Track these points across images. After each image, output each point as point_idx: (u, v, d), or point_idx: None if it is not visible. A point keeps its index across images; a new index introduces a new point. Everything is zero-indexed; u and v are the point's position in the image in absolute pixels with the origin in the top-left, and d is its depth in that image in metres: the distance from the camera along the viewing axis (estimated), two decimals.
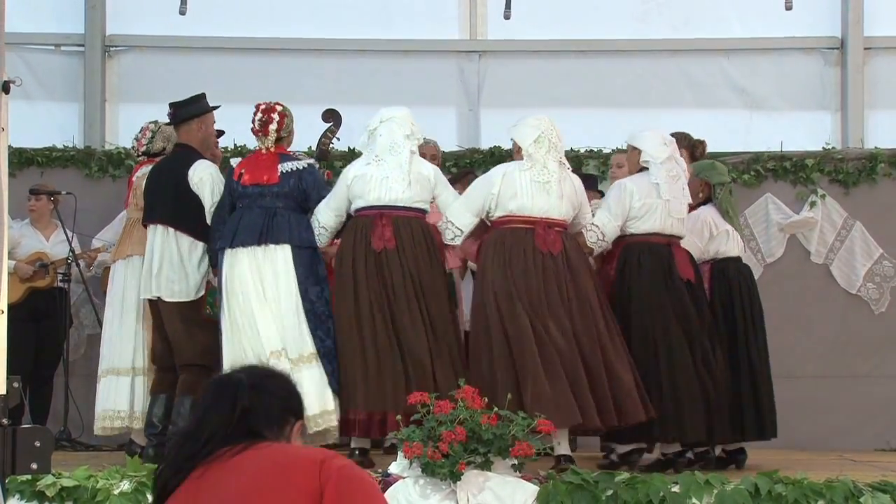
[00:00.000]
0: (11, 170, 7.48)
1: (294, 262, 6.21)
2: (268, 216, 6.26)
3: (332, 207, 6.28)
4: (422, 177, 6.22)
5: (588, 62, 9.23)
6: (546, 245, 6.04)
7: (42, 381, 8.03)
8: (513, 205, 6.10)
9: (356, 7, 9.21)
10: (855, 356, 8.73)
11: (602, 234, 6.31)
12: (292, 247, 6.23)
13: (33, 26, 9.04)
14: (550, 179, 6.12)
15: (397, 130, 6.25)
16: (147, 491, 5.16)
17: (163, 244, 6.59)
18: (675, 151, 6.46)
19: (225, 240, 6.29)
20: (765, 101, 9.19)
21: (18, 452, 3.33)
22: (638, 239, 6.34)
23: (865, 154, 8.87)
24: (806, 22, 9.08)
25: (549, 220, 6.10)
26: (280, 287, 6.18)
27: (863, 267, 8.81)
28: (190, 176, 6.53)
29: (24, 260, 7.98)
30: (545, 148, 6.18)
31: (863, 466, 6.68)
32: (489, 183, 6.18)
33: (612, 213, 6.32)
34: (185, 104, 6.76)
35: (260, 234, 6.22)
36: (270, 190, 6.30)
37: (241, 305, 6.17)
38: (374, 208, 6.14)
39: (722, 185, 6.84)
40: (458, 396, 5.30)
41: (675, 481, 5.30)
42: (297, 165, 6.38)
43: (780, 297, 8.74)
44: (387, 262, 6.04)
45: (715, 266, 6.74)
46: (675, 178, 6.40)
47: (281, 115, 6.42)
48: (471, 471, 5.17)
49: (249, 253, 6.21)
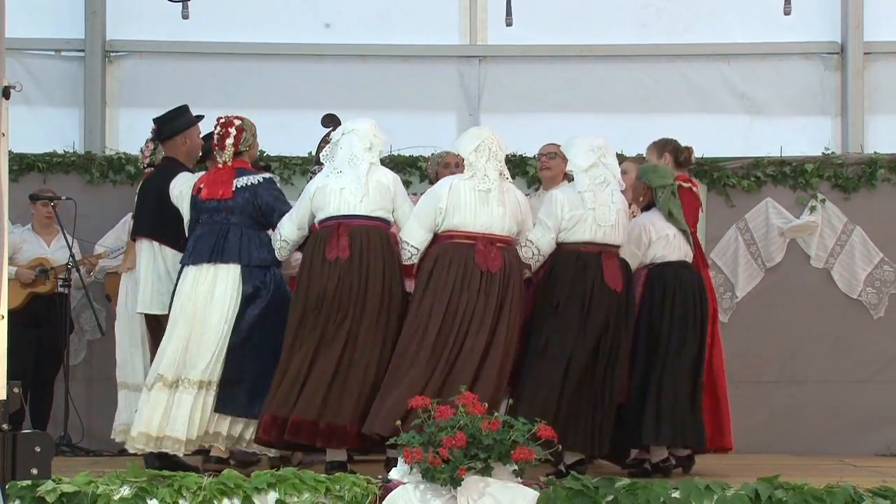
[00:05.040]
0: (12, 175, 7.54)
1: (242, 281, 6.19)
2: (220, 234, 6.24)
3: (295, 221, 6.25)
4: (381, 185, 6.16)
5: (588, 67, 9.24)
6: (486, 263, 6.03)
7: (42, 387, 8.04)
8: (456, 219, 6.08)
9: (357, 12, 9.22)
10: (855, 361, 8.73)
11: (538, 248, 6.30)
12: (241, 266, 6.21)
13: (34, 32, 9.05)
14: (491, 188, 6.11)
15: (357, 143, 6.21)
16: (147, 497, 5.16)
17: (148, 258, 6.64)
18: (603, 157, 6.39)
19: (185, 257, 6.33)
20: (765, 107, 9.19)
21: (19, 458, 3.34)
22: (568, 248, 6.30)
23: (865, 159, 8.87)
24: (806, 27, 9.09)
25: (490, 235, 6.09)
26: (213, 308, 6.15)
27: (863, 271, 8.81)
28: (171, 189, 6.54)
29: (24, 265, 7.99)
30: (485, 157, 6.17)
31: (863, 472, 6.68)
32: (436, 196, 6.16)
33: (545, 226, 6.30)
34: (168, 119, 6.79)
35: (211, 252, 6.21)
36: (225, 205, 6.26)
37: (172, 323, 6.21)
38: (333, 219, 6.12)
39: (663, 187, 6.70)
40: (459, 402, 5.30)
41: (676, 487, 5.30)
42: (252, 180, 6.32)
43: (781, 302, 8.75)
44: (339, 270, 6.01)
45: (651, 271, 6.62)
46: (603, 184, 6.34)
47: (238, 130, 6.36)
48: (471, 476, 5.17)
49: (198, 271, 6.21)
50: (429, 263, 6.10)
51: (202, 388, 6.11)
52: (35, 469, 3.34)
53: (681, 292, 6.57)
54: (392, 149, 8.80)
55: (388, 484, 5.26)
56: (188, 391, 6.10)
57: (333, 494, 5.19)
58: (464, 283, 6.00)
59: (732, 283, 8.79)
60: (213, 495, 5.17)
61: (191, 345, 6.15)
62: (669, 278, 6.58)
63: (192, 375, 6.11)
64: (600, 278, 6.22)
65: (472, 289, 6.00)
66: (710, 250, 8.51)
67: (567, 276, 6.23)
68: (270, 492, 5.20)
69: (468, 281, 6.01)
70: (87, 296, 8.14)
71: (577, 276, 6.22)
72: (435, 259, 6.08)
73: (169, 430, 6.06)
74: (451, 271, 6.02)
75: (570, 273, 6.23)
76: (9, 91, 3.39)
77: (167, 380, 6.12)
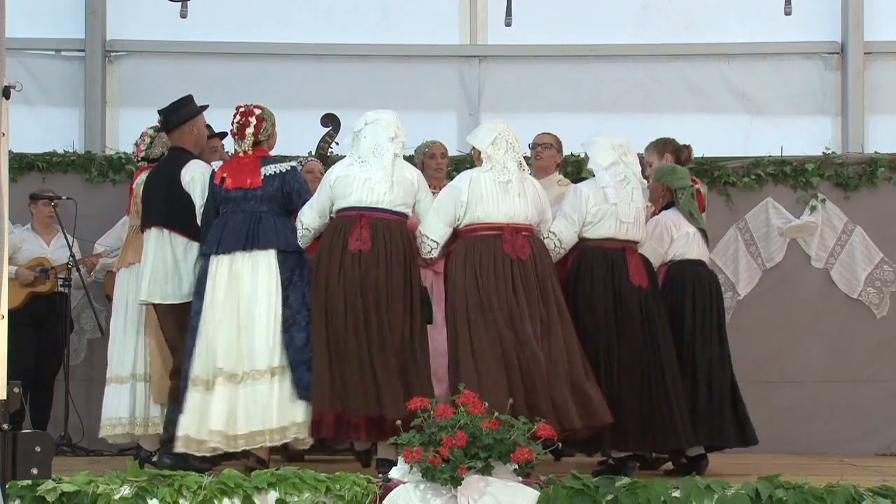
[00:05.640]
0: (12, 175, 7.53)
1: (280, 267, 6.17)
2: (253, 221, 6.21)
3: (316, 209, 6.23)
4: (405, 180, 6.18)
5: (588, 67, 9.25)
6: (515, 251, 6.05)
7: (43, 387, 8.04)
8: (479, 211, 6.09)
9: (357, 12, 9.22)
10: (856, 361, 8.73)
11: (559, 240, 6.32)
12: (278, 251, 6.19)
13: (34, 31, 9.06)
14: (511, 178, 6.13)
15: (381, 133, 6.21)
16: (147, 496, 5.16)
17: (157, 247, 6.56)
18: (624, 155, 6.42)
19: (210, 246, 6.26)
20: (765, 106, 9.20)
21: (19, 457, 3.34)
22: (592, 244, 6.32)
23: (865, 159, 8.88)
24: (806, 27, 9.10)
25: (514, 224, 6.10)
26: (259, 295, 6.10)
27: (863, 271, 8.82)
28: (182, 176, 6.52)
29: (25, 265, 7.99)
30: (503, 149, 6.20)
31: (864, 471, 6.68)
32: (457, 190, 6.17)
33: (569, 219, 6.32)
34: (174, 109, 6.76)
35: (245, 239, 6.18)
36: (254, 193, 6.25)
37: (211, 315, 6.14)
38: (355, 209, 6.10)
39: (683, 189, 6.76)
40: (459, 401, 5.30)
41: (676, 486, 5.30)
42: (280, 168, 6.32)
43: (781, 301, 8.75)
44: (361, 263, 6.01)
45: (671, 269, 6.67)
46: (624, 181, 6.37)
47: (259, 119, 6.36)
48: (471, 476, 5.17)
49: (232, 259, 6.17)
50: (457, 259, 6.10)
51: (274, 374, 6.03)
52: (35, 469, 3.34)
53: (700, 290, 6.64)
54: None
55: (388, 483, 5.26)
56: (261, 381, 6.00)
57: (334, 494, 5.19)
58: (496, 273, 6.00)
59: (732, 283, 8.80)
60: (213, 495, 5.17)
61: (243, 335, 6.06)
62: (689, 276, 6.65)
63: (257, 365, 6.02)
64: (626, 275, 6.26)
65: (506, 278, 6.00)
66: (710, 250, 8.49)
67: (597, 273, 6.26)
68: (271, 491, 5.19)
69: (501, 270, 6.01)
70: (87, 295, 8.15)
71: (606, 273, 6.25)
72: (463, 254, 6.09)
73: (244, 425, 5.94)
74: (484, 263, 6.02)
75: (599, 271, 6.26)
76: (9, 91, 3.39)
77: (229, 374, 6.02)
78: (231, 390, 6.01)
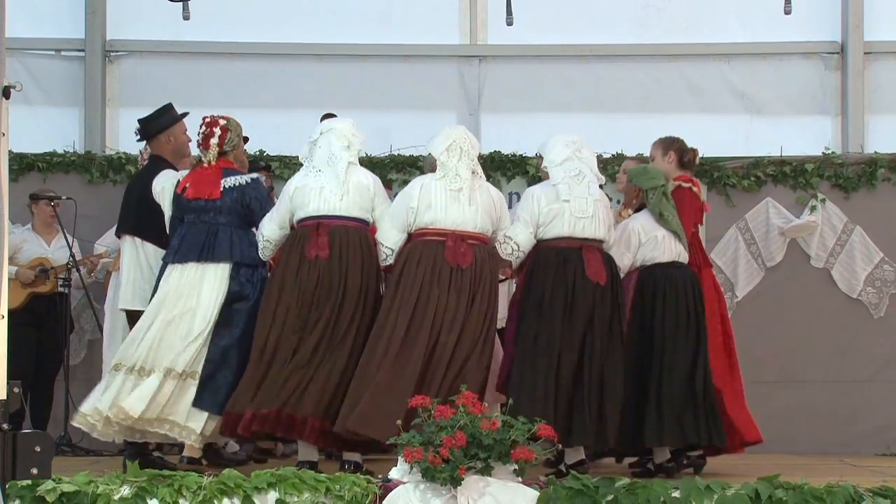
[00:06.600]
0: (12, 175, 7.53)
1: (230, 281, 6.21)
2: (210, 233, 6.25)
3: (276, 220, 6.25)
4: (361, 186, 6.17)
5: (588, 67, 9.25)
6: (456, 258, 6.04)
7: (43, 387, 8.05)
8: (427, 218, 6.09)
9: (357, 12, 9.22)
10: (855, 361, 8.73)
11: (517, 244, 6.29)
12: (232, 264, 6.24)
13: (34, 31, 9.07)
14: (462, 186, 6.12)
15: (335, 142, 6.21)
16: (147, 496, 5.17)
17: (130, 255, 6.68)
18: (578, 151, 6.39)
19: (168, 254, 6.34)
20: (765, 106, 9.20)
21: (19, 457, 3.34)
22: (547, 244, 6.29)
23: (865, 159, 8.88)
24: (806, 27, 9.10)
25: (460, 232, 6.09)
26: (196, 312, 6.16)
27: (863, 271, 8.82)
28: (153, 186, 6.56)
29: (25, 265, 7.99)
30: (456, 156, 6.19)
31: (863, 471, 6.68)
32: (408, 197, 6.17)
33: (523, 221, 6.30)
34: (150, 119, 6.82)
35: (200, 252, 6.23)
36: (213, 205, 6.28)
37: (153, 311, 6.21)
38: (313, 218, 6.12)
39: (654, 189, 6.68)
40: (459, 402, 5.30)
41: (676, 486, 5.30)
42: (240, 180, 6.35)
43: (781, 301, 8.75)
44: (318, 268, 6.02)
45: (642, 273, 6.60)
46: (579, 176, 6.33)
47: (223, 129, 6.38)
48: (471, 476, 5.17)
49: (184, 269, 6.23)
50: (400, 261, 6.11)
51: (176, 378, 6.10)
52: (35, 469, 3.34)
53: (672, 292, 6.55)
54: (392, 149, 8.83)
55: (388, 483, 5.26)
56: (156, 376, 6.09)
57: (333, 494, 5.19)
58: (433, 279, 6.01)
59: (732, 282, 8.80)
60: (213, 495, 5.17)
61: (167, 336, 6.14)
62: (660, 279, 6.57)
63: (166, 364, 6.10)
64: (582, 272, 6.20)
65: (441, 285, 6.01)
66: (710, 250, 8.49)
67: (549, 272, 6.22)
68: (270, 491, 5.20)
69: (437, 277, 6.01)
70: (87, 296, 8.16)
71: (559, 271, 6.21)
72: (406, 256, 6.10)
73: (122, 402, 6.04)
74: (421, 267, 6.03)
75: (552, 269, 6.22)
76: (9, 91, 3.39)
77: (136, 368, 6.12)
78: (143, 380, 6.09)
